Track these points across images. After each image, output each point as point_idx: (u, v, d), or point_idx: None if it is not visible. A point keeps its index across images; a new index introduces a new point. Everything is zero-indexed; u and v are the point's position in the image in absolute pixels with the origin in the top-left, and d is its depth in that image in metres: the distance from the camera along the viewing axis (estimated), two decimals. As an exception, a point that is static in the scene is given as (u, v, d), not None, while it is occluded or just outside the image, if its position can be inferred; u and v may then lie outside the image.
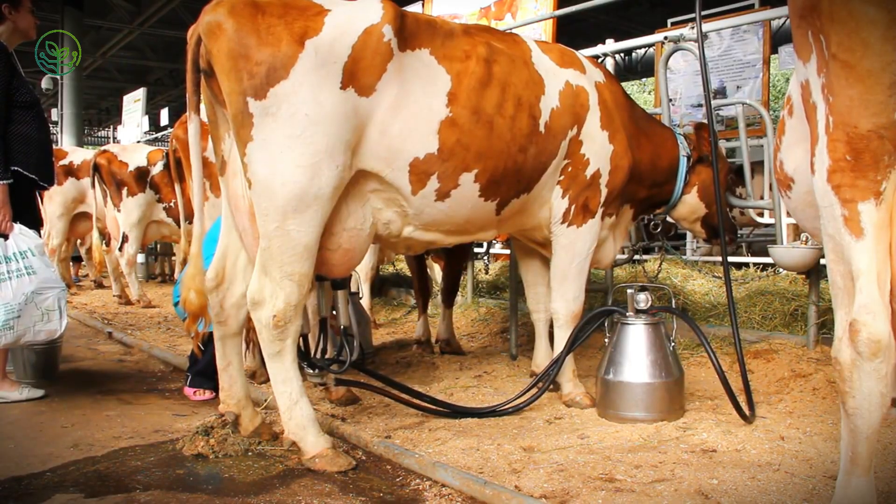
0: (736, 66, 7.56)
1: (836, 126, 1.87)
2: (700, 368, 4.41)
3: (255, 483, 2.71)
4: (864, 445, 1.94)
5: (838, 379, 1.95)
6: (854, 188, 1.86)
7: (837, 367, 1.94)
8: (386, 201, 3.11)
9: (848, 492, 1.99)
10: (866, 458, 1.96)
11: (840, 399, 1.98)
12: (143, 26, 18.20)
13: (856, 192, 1.86)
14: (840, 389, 1.95)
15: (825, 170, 1.90)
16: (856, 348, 1.87)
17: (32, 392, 3.95)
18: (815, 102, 1.96)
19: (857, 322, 1.86)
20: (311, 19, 2.76)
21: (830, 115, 1.89)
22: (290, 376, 2.89)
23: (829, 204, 1.92)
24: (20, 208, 3.81)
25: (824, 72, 1.89)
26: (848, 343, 1.90)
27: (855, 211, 1.86)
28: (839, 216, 1.89)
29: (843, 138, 1.85)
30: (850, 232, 1.88)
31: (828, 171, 1.90)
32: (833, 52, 1.84)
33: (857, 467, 1.97)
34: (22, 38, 4.06)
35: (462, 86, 3.09)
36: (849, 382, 1.91)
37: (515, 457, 2.89)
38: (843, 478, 2.02)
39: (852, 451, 1.97)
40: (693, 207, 4.25)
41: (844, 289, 1.95)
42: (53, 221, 8.99)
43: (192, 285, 2.91)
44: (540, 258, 4.09)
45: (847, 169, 1.86)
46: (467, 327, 6.16)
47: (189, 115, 2.91)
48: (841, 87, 1.84)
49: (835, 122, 1.87)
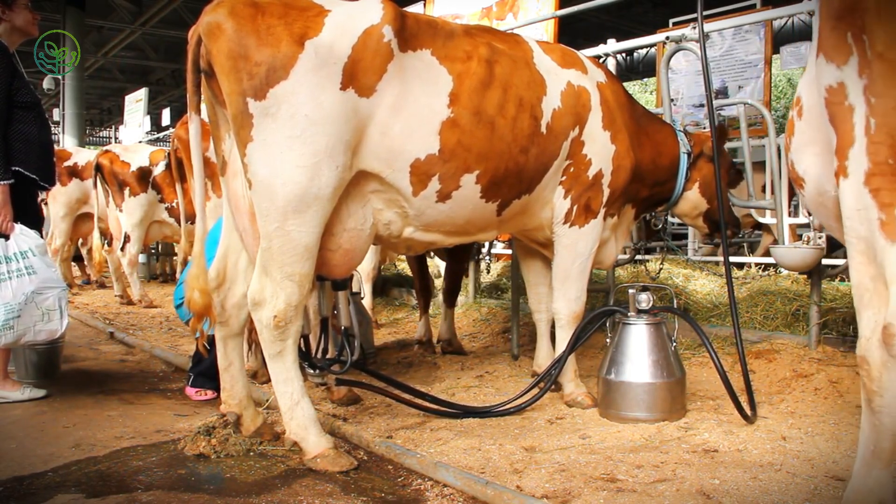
0: (737, 66, 7.56)
1: (878, 128, 1.84)
2: (701, 368, 4.40)
3: (256, 483, 2.71)
4: (890, 441, 1.96)
5: (865, 377, 1.95)
6: (893, 192, 1.83)
7: (865, 366, 1.94)
8: (386, 202, 3.11)
9: (868, 481, 2.01)
10: (889, 452, 1.98)
11: (864, 396, 1.98)
12: (144, 26, 18.23)
13: (895, 196, 1.83)
14: (866, 388, 1.96)
15: (863, 172, 1.87)
16: (890, 351, 1.87)
17: (34, 392, 3.95)
18: (853, 104, 1.91)
19: (891, 325, 1.86)
20: (311, 20, 2.76)
21: (872, 117, 1.85)
22: (291, 376, 2.89)
23: (863, 206, 1.89)
24: (21, 208, 3.81)
25: (867, 73, 1.86)
26: (879, 344, 1.89)
27: (893, 215, 1.84)
28: (875, 219, 1.87)
29: (887, 141, 1.82)
30: (885, 236, 1.86)
31: (866, 174, 1.87)
32: (880, 51, 1.81)
33: (878, 460, 2.00)
34: (22, 36, 4.02)
35: (463, 86, 3.09)
36: (877, 382, 1.92)
37: (517, 457, 2.89)
38: (862, 468, 2.04)
39: (875, 445, 1.99)
40: (694, 203, 4.24)
41: (874, 290, 1.94)
42: (57, 222, 9.02)
43: (195, 285, 2.90)
44: (542, 258, 4.08)
45: (888, 173, 1.83)
46: (469, 327, 6.16)
47: (190, 115, 2.91)
48: (886, 87, 1.81)
49: (877, 124, 1.84)
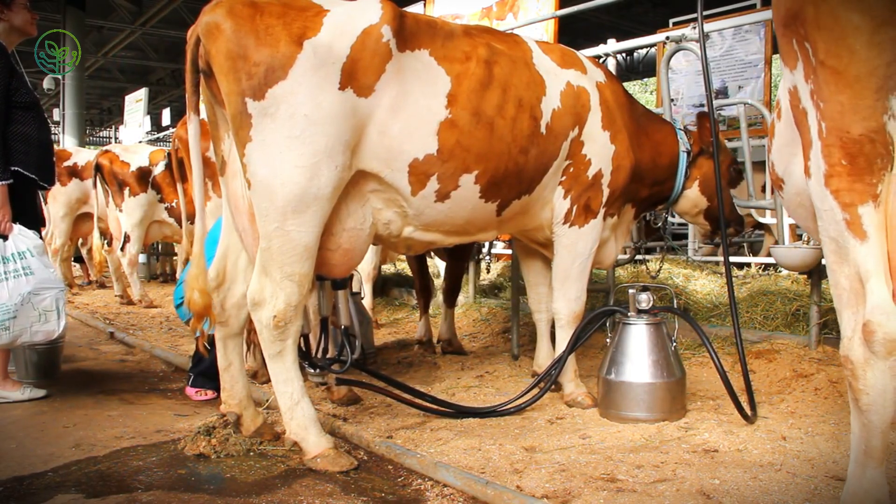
0: (738, 66, 7.56)
1: (829, 131, 1.89)
2: (702, 368, 4.40)
3: (256, 483, 2.71)
4: (879, 439, 1.98)
5: (850, 377, 1.97)
6: (852, 192, 1.88)
7: (849, 365, 1.96)
8: (386, 202, 3.11)
9: (863, 482, 2.02)
10: (880, 450, 1.99)
11: (851, 396, 2.00)
12: (144, 26, 18.22)
13: (854, 195, 1.88)
14: (852, 387, 1.97)
15: (822, 174, 1.92)
16: (871, 348, 1.89)
17: (34, 392, 3.96)
18: (805, 108, 1.98)
19: (871, 322, 1.88)
20: (310, 20, 2.76)
21: (822, 121, 1.90)
22: (291, 376, 2.89)
23: (828, 208, 1.93)
24: (20, 208, 3.81)
25: (812, 78, 1.91)
26: (861, 342, 1.91)
27: (856, 214, 1.88)
28: (841, 220, 1.91)
29: (837, 143, 1.88)
30: (854, 235, 1.89)
31: (825, 176, 1.92)
32: (821, 58, 1.86)
33: (871, 459, 2.01)
34: (21, 35, 4.01)
35: (462, 87, 3.09)
36: (862, 380, 1.93)
37: (517, 457, 2.89)
38: (856, 469, 2.05)
39: (866, 444, 2.00)
40: (694, 201, 4.23)
41: (850, 289, 1.96)
42: (57, 222, 9.02)
43: (195, 285, 2.90)
44: (542, 258, 4.08)
45: (844, 173, 1.88)
46: (469, 327, 6.16)
47: (189, 115, 2.91)
48: (831, 92, 1.86)
49: (827, 127, 1.89)
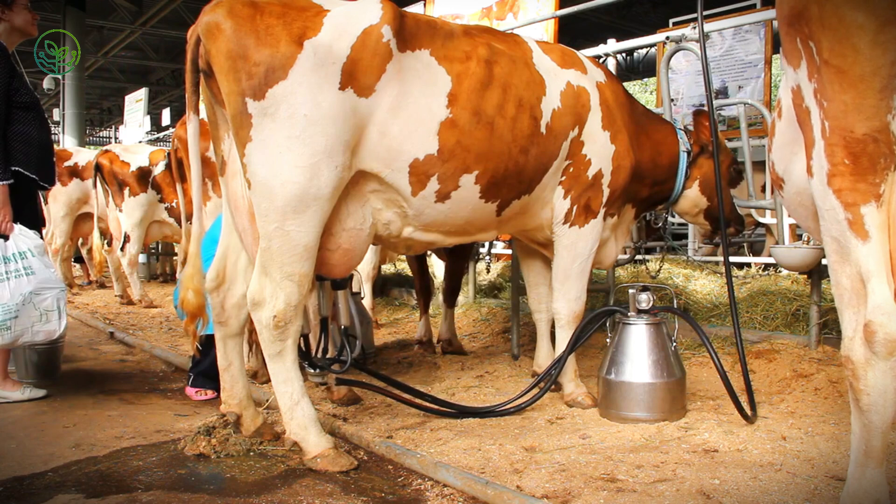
0: (738, 66, 7.55)
1: (832, 130, 1.89)
2: (702, 368, 4.40)
3: (256, 483, 2.71)
4: (879, 439, 1.98)
5: (851, 377, 1.97)
6: (855, 192, 1.88)
7: (850, 365, 1.96)
8: (386, 202, 3.11)
9: (863, 482, 2.03)
10: (880, 450, 1.99)
11: (852, 396, 2.00)
12: (144, 26, 18.24)
13: (857, 195, 1.87)
14: (853, 387, 1.97)
15: (825, 174, 1.92)
16: (871, 348, 1.89)
17: (34, 392, 3.95)
18: (809, 107, 1.97)
19: (872, 323, 1.88)
20: (310, 20, 2.76)
21: (826, 120, 1.90)
22: (291, 376, 2.89)
23: (831, 207, 1.93)
24: (20, 208, 3.81)
25: (816, 77, 1.91)
26: (862, 343, 1.91)
27: (858, 214, 1.88)
28: (843, 220, 1.90)
29: (841, 143, 1.87)
30: (855, 235, 1.89)
31: (828, 175, 1.91)
32: (825, 57, 1.86)
33: (871, 459, 2.01)
34: (22, 36, 4.01)
35: (462, 87, 3.08)
36: (863, 381, 1.93)
37: (517, 457, 2.89)
38: (856, 470, 2.05)
39: (866, 444, 2.01)
40: (694, 201, 4.22)
41: (852, 289, 1.96)
42: (57, 222, 9.03)
43: (190, 285, 2.91)
44: (542, 258, 4.08)
45: (847, 173, 1.88)
46: (469, 327, 6.16)
47: (188, 115, 2.91)
48: (835, 91, 1.86)
49: (831, 126, 1.89)
